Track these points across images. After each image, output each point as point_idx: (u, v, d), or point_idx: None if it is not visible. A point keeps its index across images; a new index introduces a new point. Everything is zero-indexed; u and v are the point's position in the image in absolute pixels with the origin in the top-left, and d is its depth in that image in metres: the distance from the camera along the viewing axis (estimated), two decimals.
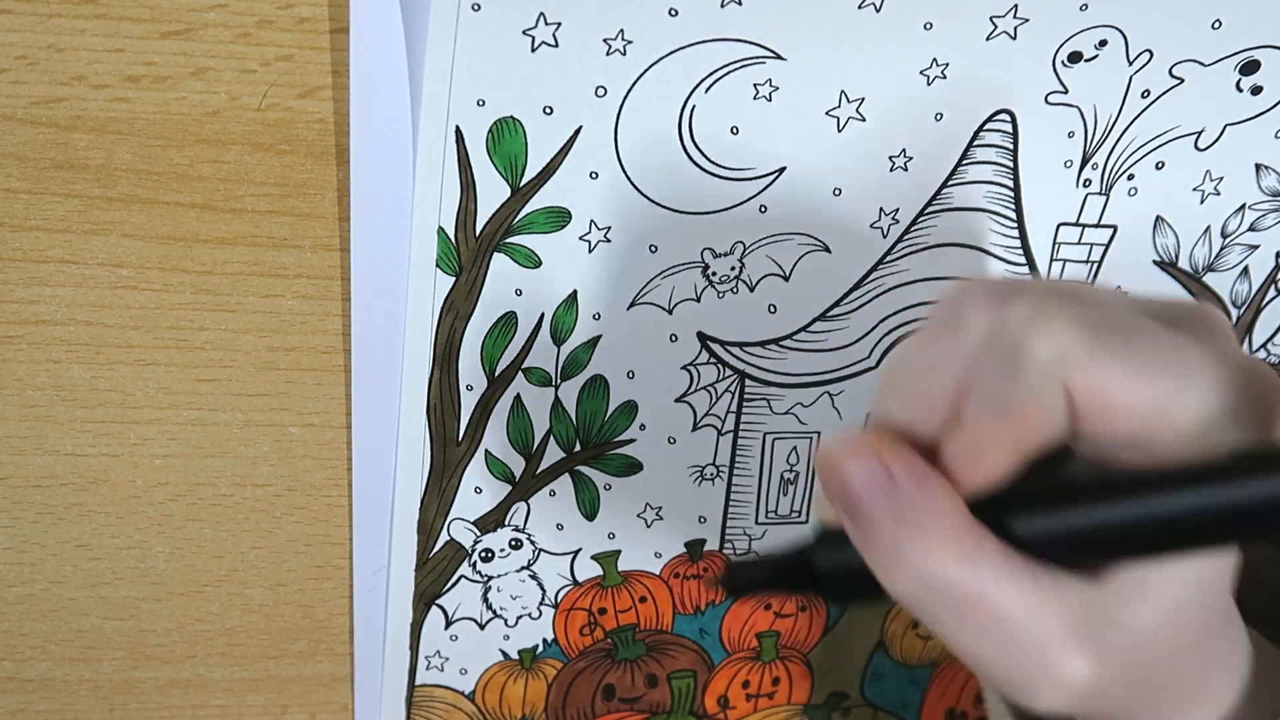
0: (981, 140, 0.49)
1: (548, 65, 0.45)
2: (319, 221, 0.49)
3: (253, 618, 0.59)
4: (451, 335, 0.51)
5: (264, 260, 0.49)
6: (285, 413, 0.53)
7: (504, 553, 0.57)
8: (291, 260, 0.49)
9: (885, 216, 0.50)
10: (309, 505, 0.56)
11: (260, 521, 0.56)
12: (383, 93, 0.47)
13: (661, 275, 0.50)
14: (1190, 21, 0.47)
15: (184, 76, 0.46)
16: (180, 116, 0.47)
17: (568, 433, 0.54)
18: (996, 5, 0.46)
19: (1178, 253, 0.53)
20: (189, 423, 0.53)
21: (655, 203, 0.49)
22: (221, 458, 0.54)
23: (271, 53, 0.46)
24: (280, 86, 0.46)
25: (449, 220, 0.48)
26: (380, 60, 0.46)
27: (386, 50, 0.46)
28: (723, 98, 0.47)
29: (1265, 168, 0.51)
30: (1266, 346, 0.56)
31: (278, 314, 0.50)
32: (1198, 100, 0.49)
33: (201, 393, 0.52)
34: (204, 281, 0.50)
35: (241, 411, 0.53)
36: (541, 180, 0.48)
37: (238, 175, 0.48)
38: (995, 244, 0.52)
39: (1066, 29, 0.46)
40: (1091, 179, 0.51)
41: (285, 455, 0.54)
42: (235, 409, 0.53)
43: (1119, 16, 0.46)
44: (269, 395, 0.52)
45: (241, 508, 0.55)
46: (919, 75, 0.47)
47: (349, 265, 0.49)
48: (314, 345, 0.52)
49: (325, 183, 0.48)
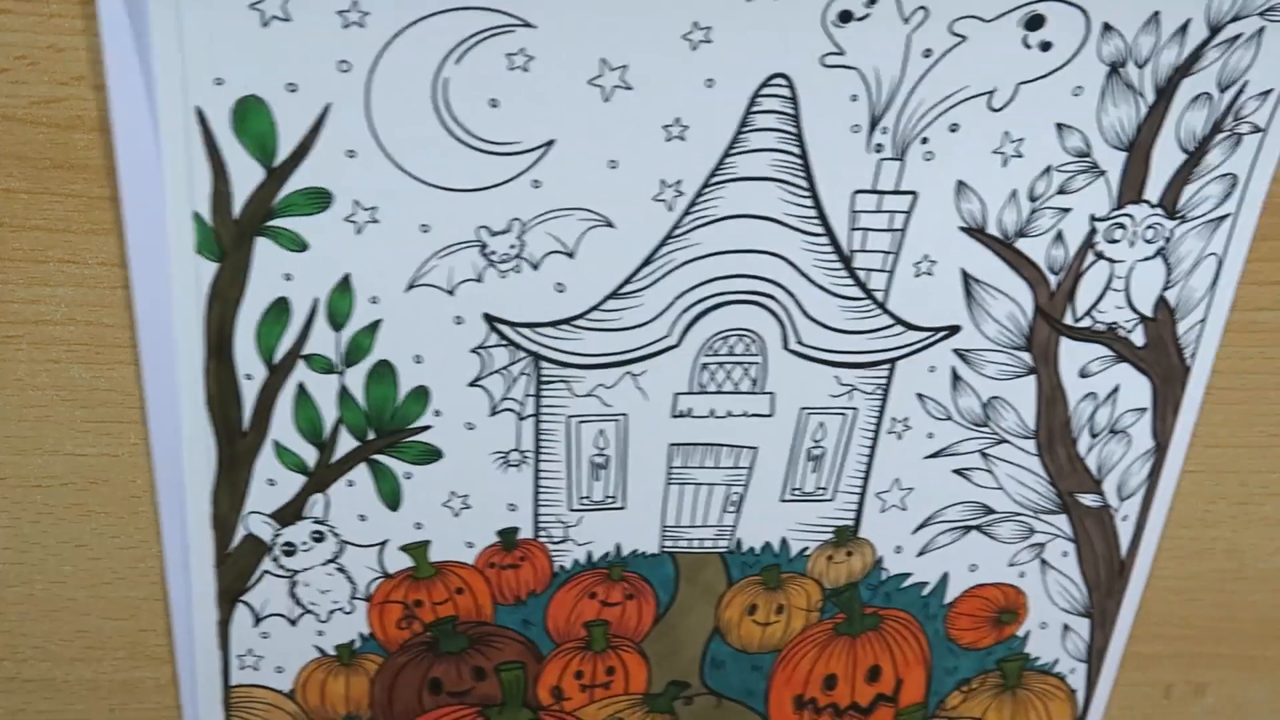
0: (759, 106, 0.47)
1: (284, 39, 0.44)
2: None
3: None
4: (223, 324, 0.49)
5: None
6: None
7: (306, 546, 0.55)
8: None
9: (668, 189, 0.49)
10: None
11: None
12: (128, 78, 0.45)
13: (437, 255, 0.49)
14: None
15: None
16: None
17: (359, 421, 0.52)
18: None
19: (985, 218, 0.51)
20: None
21: (420, 180, 0.47)
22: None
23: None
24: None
25: (203, 205, 0.46)
26: (122, 44, 0.45)
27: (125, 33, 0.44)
28: (476, 69, 0.45)
29: (1067, 127, 0.49)
30: (1091, 314, 0.54)
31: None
32: (984, 58, 0.47)
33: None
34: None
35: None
36: (296, 161, 0.46)
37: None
38: (789, 214, 0.50)
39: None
40: (883, 144, 0.49)
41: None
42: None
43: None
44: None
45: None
46: (681, 40, 0.45)
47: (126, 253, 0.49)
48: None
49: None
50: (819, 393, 0.54)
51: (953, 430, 0.57)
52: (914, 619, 0.62)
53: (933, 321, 0.54)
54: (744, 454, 0.56)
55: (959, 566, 0.61)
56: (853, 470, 0.57)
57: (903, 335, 0.54)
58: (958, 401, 0.56)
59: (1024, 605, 0.63)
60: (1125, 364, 0.56)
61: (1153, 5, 0.47)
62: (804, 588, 0.60)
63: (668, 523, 0.57)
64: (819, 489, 0.58)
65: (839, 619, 0.62)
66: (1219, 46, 0.48)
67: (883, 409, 0.55)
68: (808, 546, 0.59)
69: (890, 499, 0.58)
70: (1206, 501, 0.63)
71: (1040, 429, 0.57)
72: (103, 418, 0.53)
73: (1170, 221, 0.53)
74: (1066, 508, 0.60)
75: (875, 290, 0.52)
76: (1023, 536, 0.60)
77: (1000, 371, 0.55)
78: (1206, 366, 0.57)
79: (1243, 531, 0.64)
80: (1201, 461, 0.61)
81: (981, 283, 0.53)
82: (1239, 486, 0.62)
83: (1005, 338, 0.54)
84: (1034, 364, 0.55)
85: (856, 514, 0.59)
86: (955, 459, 0.57)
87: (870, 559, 0.60)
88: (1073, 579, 0.62)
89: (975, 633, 0.63)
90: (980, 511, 0.59)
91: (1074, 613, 0.63)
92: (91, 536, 0.56)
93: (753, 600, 0.60)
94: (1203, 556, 0.64)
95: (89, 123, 0.47)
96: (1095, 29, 0.47)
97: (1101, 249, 0.53)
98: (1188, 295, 0.55)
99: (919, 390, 0.55)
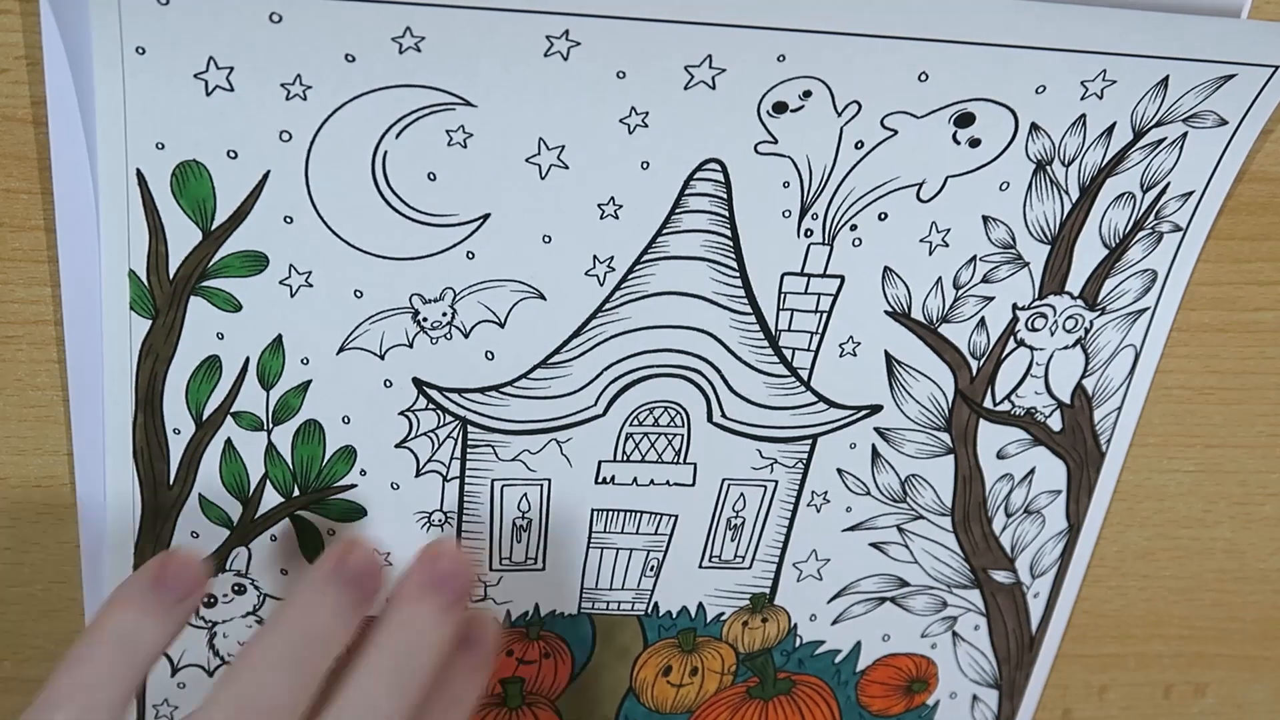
0: (693, 189, 0.48)
1: (226, 109, 0.44)
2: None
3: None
4: (153, 379, 0.49)
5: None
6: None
7: (227, 598, 0.55)
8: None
9: (600, 264, 0.49)
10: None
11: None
12: (74, 130, 0.46)
13: (370, 320, 0.49)
14: (895, 74, 0.46)
15: None
16: None
17: (285, 477, 0.52)
18: (690, 54, 0.45)
19: (910, 304, 0.52)
20: None
21: (356, 247, 0.48)
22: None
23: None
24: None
25: (139, 263, 0.47)
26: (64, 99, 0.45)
27: (65, 89, 0.45)
28: (416, 143, 0.46)
29: (993, 220, 0.50)
30: (1011, 398, 0.55)
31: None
32: (915, 152, 0.48)
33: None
34: None
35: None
36: (233, 224, 0.47)
37: None
38: (718, 293, 0.51)
39: (766, 80, 0.46)
40: (813, 229, 0.50)
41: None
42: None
43: (819, 68, 0.45)
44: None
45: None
46: (619, 124, 0.46)
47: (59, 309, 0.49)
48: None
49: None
50: (741, 465, 0.55)
51: (871, 505, 0.58)
52: (826, 685, 0.63)
53: (855, 400, 0.55)
54: (665, 521, 0.57)
55: (872, 636, 0.62)
56: (771, 540, 0.58)
57: (825, 412, 0.55)
58: (877, 478, 0.57)
59: (935, 675, 0.64)
60: (1042, 447, 0.57)
61: (1079, 109, 0.48)
62: (719, 651, 0.61)
63: (587, 585, 0.58)
64: (737, 557, 0.58)
65: (752, 682, 0.63)
66: (1143, 149, 0.50)
67: (803, 482, 0.56)
68: (724, 612, 0.60)
69: (807, 569, 0.59)
70: (1206, 501, 0.63)
71: (956, 507, 0.58)
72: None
73: (1090, 313, 0.54)
74: (979, 583, 0.61)
75: (800, 368, 0.53)
76: (936, 609, 0.61)
77: (919, 450, 0.56)
78: (1122, 452, 0.58)
79: (1243, 531, 0.64)
80: (1201, 461, 0.62)
81: (904, 365, 0.54)
82: (1239, 486, 0.63)
83: (925, 418, 0.55)
84: (953, 444, 0.56)
85: (773, 582, 0.59)
86: (872, 533, 0.58)
87: (785, 626, 0.61)
88: (983, 652, 0.63)
89: (886, 700, 0.65)
90: (895, 584, 0.60)
91: (983, 684, 0.64)
92: None
93: (668, 661, 0.61)
94: (1203, 556, 0.65)
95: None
96: (1024, 128, 0.48)
97: (1023, 336, 0.54)
98: (1105, 384, 0.56)
99: (839, 465, 0.56)
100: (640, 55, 0.45)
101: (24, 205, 0.48)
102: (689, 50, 0.45)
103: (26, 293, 0.50)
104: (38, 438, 0.53)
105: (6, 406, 0.52)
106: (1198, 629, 0.68)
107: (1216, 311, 0.57)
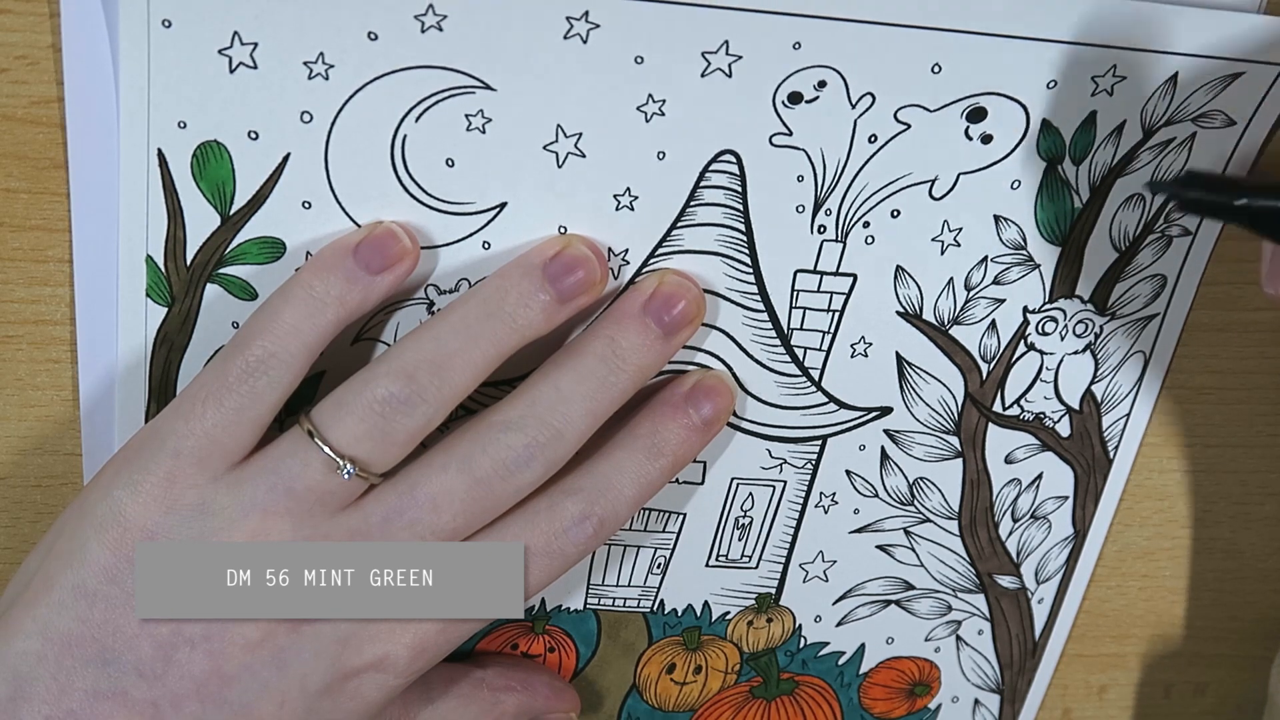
0: (708, 181, 0.48)
1: (249, 87, 0.44)
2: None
3: None
4: (167, 368, 0.49)
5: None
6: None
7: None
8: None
9: (615, 257, 0.49)
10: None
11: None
12: (93, 114, 0.46)
13: (385, 311, 0.49)
14: (908, 64, 0.46)
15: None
16: None
17: None
18: (707, 40, 0.45)
19: (921, 305, 0.52)
20: None
21: None
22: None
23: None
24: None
25: (157, 249, 0.47)
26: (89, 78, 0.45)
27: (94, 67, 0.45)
28: (435, 128, 0.46)
29: (1005, 219, 0.51)
30: (1020, 403, 0.56)
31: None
32: (927, 147, 0.49)
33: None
34: None
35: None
36: (252, 209, 0.47)
37: None
38: (731, 289, 0.51)
39: (782, 68, 0.46)
40: (826, 225, 0.50)
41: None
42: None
43: (834, 57, 0.46)
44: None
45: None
46: (636, 111, 0.46)
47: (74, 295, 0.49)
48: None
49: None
50: (750, 464, 0.55)
51: (878, 507, 0.58)
52: (829, 686, 0.63)
53: (865, 401, 0.55)
54: (673, 519, 0.57)
55: (876, 638, 0.62)
56: (778, 540, 0.58)
57: (836, 413, 0.55)
58: (885, 480, 0.57)
59: (937, 679, 0.64)
60: (1050, 453, 0.57)
61: (1090, 105, 0.48)
62: (723, 650, 0.61)
63: (593, 581, 0.58)
64: (744, 556, 0.58)
65: (755, 682, 0.63)
66: (1152, 149, 0.50)
67: (811, 483, 0.56)
68: (729, 611, 0.60)
69: (813, 570, 0.59)
70: (1206, 501, 0.63)
71: (963, 511, 0.58)
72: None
73: (1100, 318, 0.54)
74: (984, 588, 0.61)
75: (811, 368, 0.53)
76: (940, 613, 0.61)
77: (928, 453, 0.56)
78: (1129, 459, 0.58)
79: (1242, 531, 0.64)
80: (1201, 461, 0.62)
81: (915, 367, 0.54)
82: (1239, 486, 0.63)
83: (935, 421, 0.56)
84: (961, 448, 0.56)
85: (779, 582, 0.59)
86: (879, 535, 0.59)
87: (790, 626, 0.61)
88: (986, 656, 0.63)
89: (888, 703, 0.65)
90: (900, 587, 0.60)
91: (985, 689, 0.64)
92: None
93: (672, 659, 0.61)
94: (1202, 556, 0.65)
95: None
96: (1035, 124, 0.49)
97: (1033, 340, 0.54)
98: (1114, 390, 0.56)
99: (848, 467, 0.56)
100: (658, 39, 0.45)
101: (24, 205, 0.48)
102: (706, 35, 0.45)
103: (26, 292, 0.50)
104: (38, 438, 0.53)
105: (6, 406, 0.52)
106: (1198, 629, 0.68)
107: (1216, 311, 0.57)
